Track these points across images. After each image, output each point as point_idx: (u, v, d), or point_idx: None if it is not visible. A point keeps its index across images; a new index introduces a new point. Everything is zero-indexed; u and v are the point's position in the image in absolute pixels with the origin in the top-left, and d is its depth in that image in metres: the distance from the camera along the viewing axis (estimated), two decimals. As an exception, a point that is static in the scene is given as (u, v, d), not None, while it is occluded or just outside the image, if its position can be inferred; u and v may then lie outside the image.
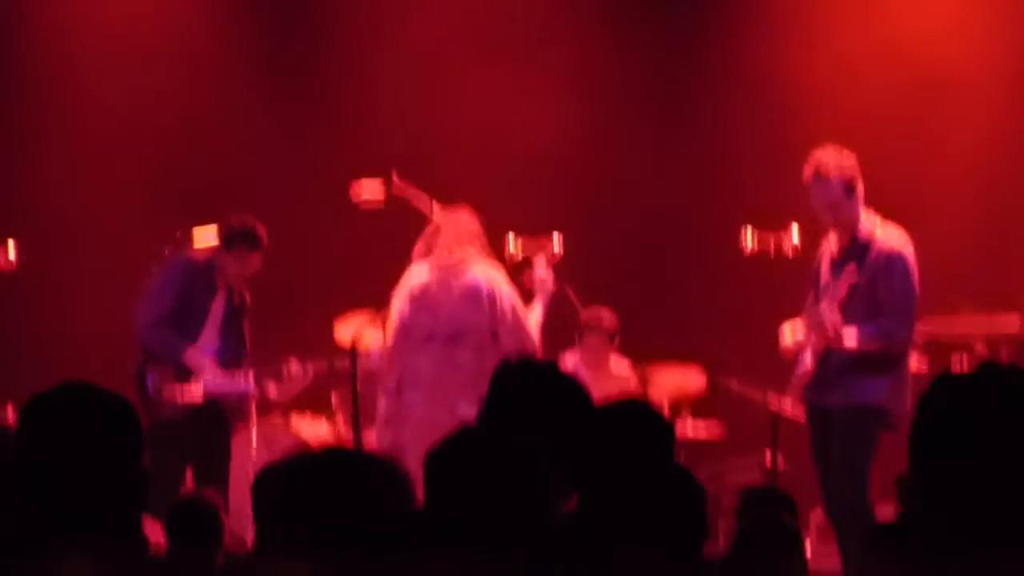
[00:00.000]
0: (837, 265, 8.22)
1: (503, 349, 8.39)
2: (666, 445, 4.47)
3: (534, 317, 8.84)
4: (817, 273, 8.38)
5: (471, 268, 8.63)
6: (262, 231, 9.28)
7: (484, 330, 8.54)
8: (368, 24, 11.83)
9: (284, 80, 11.84)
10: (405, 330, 8.64)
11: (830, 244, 8.32)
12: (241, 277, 9.30)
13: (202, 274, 9.24)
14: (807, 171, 8.16)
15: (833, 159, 8.15)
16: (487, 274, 8.65)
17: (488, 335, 8.54)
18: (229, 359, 9.29)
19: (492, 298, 8.57)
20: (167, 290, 9.18)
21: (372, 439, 8.84)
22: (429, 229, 8.83)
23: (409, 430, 8.45)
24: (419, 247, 8.78)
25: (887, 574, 2.72)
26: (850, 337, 8.05)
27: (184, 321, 9.19)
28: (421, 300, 8.62)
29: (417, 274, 8.70)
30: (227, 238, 9.24)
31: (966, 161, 11.16)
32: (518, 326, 8.62)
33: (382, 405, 8.69)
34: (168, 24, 11.68)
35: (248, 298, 9.44)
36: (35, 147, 11.58)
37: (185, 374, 9.13)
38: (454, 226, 8.73)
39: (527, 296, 8.92)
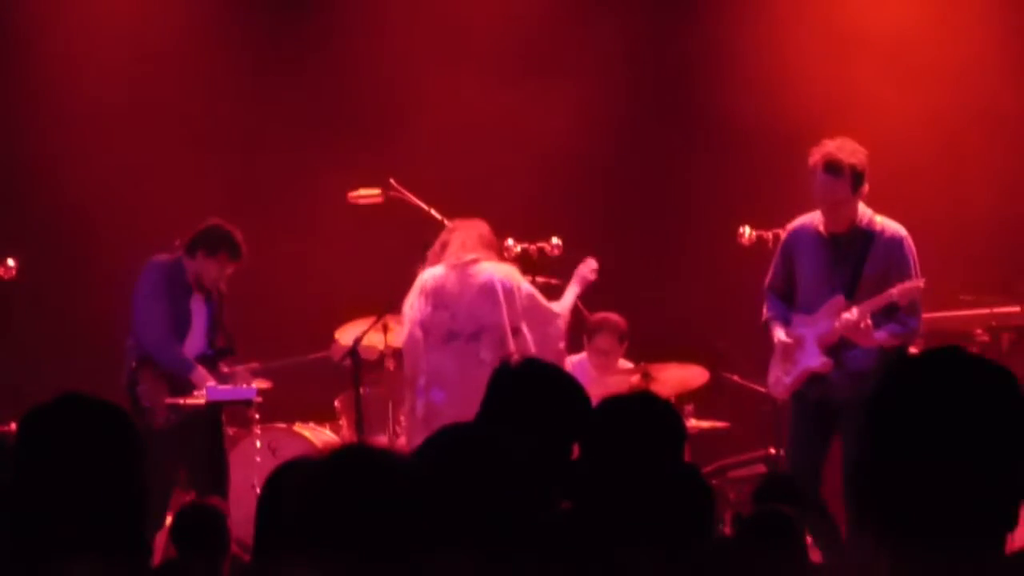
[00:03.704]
0: (836, 249, 8.16)
1: (527, 342, 8.38)
2: (675, 442, 4.43)
3: (564, 302, 8.82)
4: (790, 254, 8.30)
5: (485, 267, 8.60)
6: (224, 239, 9.10)
7: (504, 327, 8.51)
8: (368, 28, 11.84)
9: (285, 84, 11.85)
10: (423, 326, 8.60)
11: (816, 226, 8.24)
12: (201, 281, 9.17)
13: (175, 276, 9.16)
14: (816, 157, 8.04)
15: (846, 152, 8.04)
16: (502, 271, 8.63)
17: (508, 332, 8.50)
18: (215, 358, 9.26)
19: (509, 293, 8.54)
20: (158, 300, 9.08)
21: (381, 443, 8.80)
22: (444, 234, 8.78)
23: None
24: (435, 250, 8.74)
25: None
26: (877, 337, 8.05)
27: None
28: (436, 297, 8.58)
29: (430, 274, 8.67)
30: (189, 244, 9.14)
31: (967, 149, 11.17)
32: (540, 315, 8.60)
33: (416, 405, 8.60)
34: (170, 30, 11.69)
35: (224, 290, 9.29)
36: (36, 154, 11.58)
37: (177, 384, 9.05)
38: (470, 230, 8.69)
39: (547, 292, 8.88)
